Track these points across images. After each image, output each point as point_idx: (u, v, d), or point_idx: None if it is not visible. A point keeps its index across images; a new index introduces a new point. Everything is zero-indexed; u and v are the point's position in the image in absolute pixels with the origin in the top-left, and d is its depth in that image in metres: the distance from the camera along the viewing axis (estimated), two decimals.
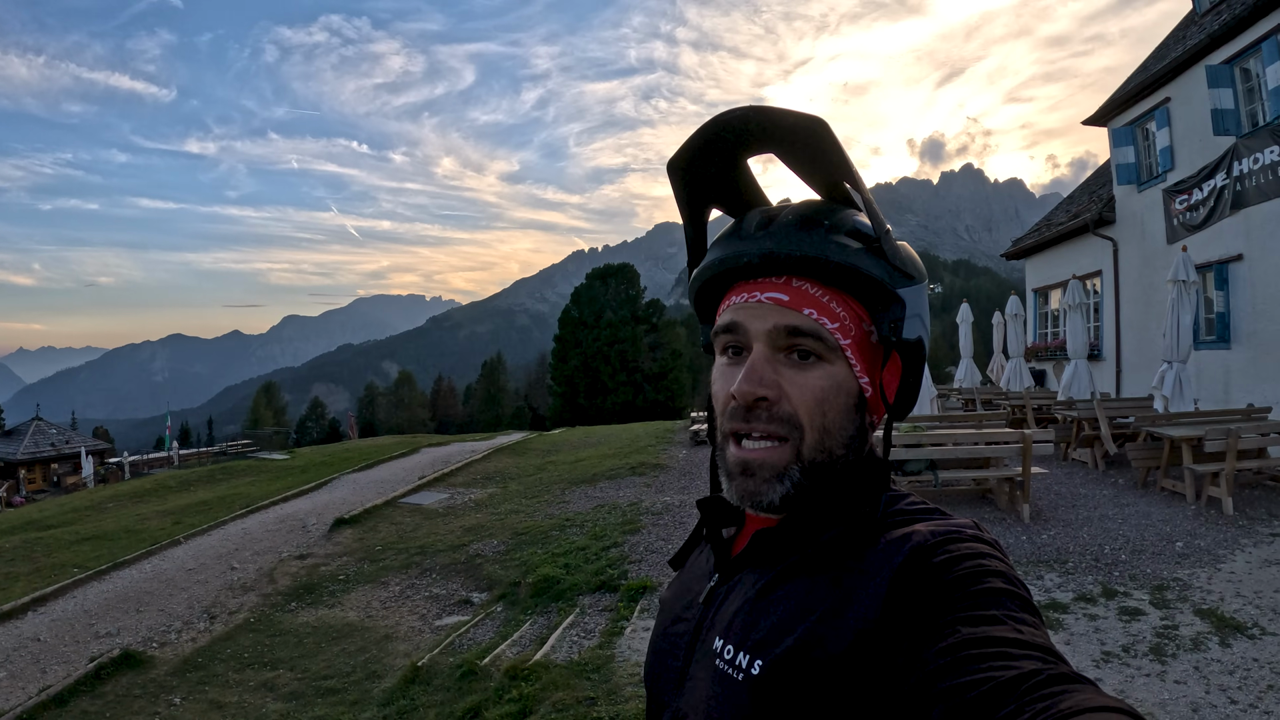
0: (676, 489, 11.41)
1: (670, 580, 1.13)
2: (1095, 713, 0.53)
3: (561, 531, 9.48)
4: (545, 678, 5.34)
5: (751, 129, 0.86)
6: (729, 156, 0.91)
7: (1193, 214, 13.52)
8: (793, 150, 0.88)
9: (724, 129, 0.87)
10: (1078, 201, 20.17)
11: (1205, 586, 6.46)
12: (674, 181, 0.94)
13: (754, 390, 0.84)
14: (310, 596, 8.50)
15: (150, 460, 35.64)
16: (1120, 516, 8.56)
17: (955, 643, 0.66)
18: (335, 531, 11.10)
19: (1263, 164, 11.86)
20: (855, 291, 0.88)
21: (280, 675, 6.53)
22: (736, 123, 0.85)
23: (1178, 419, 10.16)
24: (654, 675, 0.99)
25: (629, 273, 62.67)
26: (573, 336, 59.07)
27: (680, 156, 0.91)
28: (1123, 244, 16.63)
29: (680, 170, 0.93)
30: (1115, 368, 16.92)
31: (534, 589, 7.51)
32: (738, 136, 0.88)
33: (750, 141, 0.89)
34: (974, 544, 0.77)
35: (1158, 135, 15.18)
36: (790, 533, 0.88)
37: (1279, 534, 7.73)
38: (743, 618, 0.85)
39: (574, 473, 13.94)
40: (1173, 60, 14.27)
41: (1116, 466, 11.16)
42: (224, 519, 12.92)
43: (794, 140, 0.86)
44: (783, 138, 0.86)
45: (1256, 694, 4.69)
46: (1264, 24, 11.92)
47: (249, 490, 16.98)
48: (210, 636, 7.61)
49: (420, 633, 7.22)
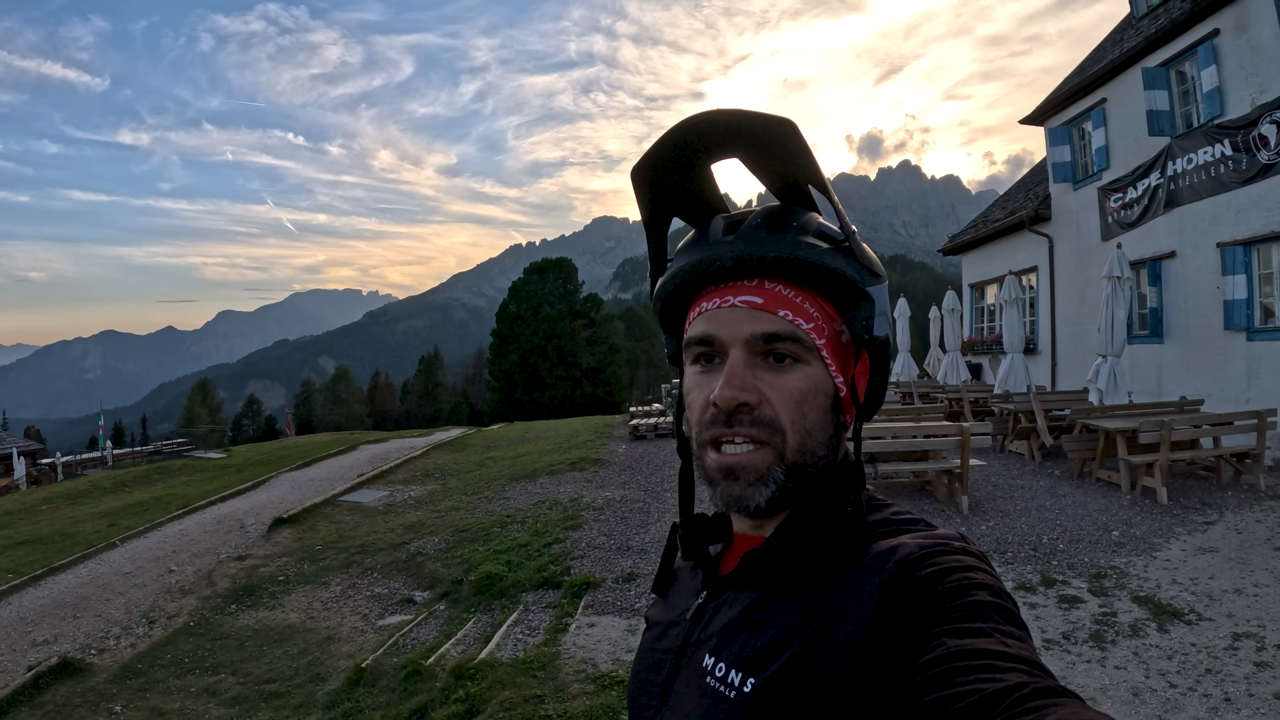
0: (617, 484, 11.32)
1: (655, 598, 1.10)
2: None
3: (503, 528, 9.35)
4: (491, 676, 5.26)
5: (718, 131, 0.85)
6: (695, 161, 0.90)
7: (1127, 212, 13.85)
8: (759, 153, 0.87)
9: (690, 132, 0.86)
10: (1014, 199, 20.51)
11: (1142, 574, 6.56)
12: (638, 188, 0.93)
13: (736, 396, 0.83)
14: (250, 598, 8.27)
15: (84, 461, 34.53)
16: (1057, 507, 8.67)
17: (941, 655, 0.65)
18: (274, 531, 10.83)
19: (1196, 164, 12.19)
20: (825, 292, 0.88)
21: (222, 680, 6.33)
22: (704, 126, 0.85)
23: (1112, 411, 10.36)
24: (637, 690, 0.98)
25: (567, 267, 62.57)
26: (510, 331, 58.75)
27: (646, 162, 0.90)
28: (1058, 241, 16.94)
29: (645, 177, 0.92)
30: (1050, 361, 17.26)
31: (476, 587, 7.38)
32: (703, 140, 0.87)
33: (716, 145, 0.88)
34: (961, 556, 0.77)
35: (1093, 135, 15.48)
36: (778, 550, 0.86)
37: (1213, 522, 7.90)
38: (734, 635, 0.84)
39: (514, 469, 13.81)
40: (1110, 62, 14.55)
41: (1053, 458, 11.34)
42: (160, 520, 12.54)
43: (761, 142, 0.85)
44: (750, 140, 0.85)
45: (1195, 678, 4.76)
46: (1200, 28, 12.20)
47: (185, 490, 16.56)
48: (150, 642, 7.34)
49: (363, 633, 7.05)
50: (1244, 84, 11.37)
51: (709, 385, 0.86)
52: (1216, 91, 11.84)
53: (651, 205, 0.95)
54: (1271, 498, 8.80)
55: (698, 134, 0.86)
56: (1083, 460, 10.09)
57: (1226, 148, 11.50)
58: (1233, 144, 11.38)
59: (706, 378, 0.88)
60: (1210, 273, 12.08)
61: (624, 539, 8.36)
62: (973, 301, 21.25)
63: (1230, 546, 7.16)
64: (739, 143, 0.86)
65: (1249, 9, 11.19)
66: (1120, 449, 9.11)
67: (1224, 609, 5.78)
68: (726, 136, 0.85)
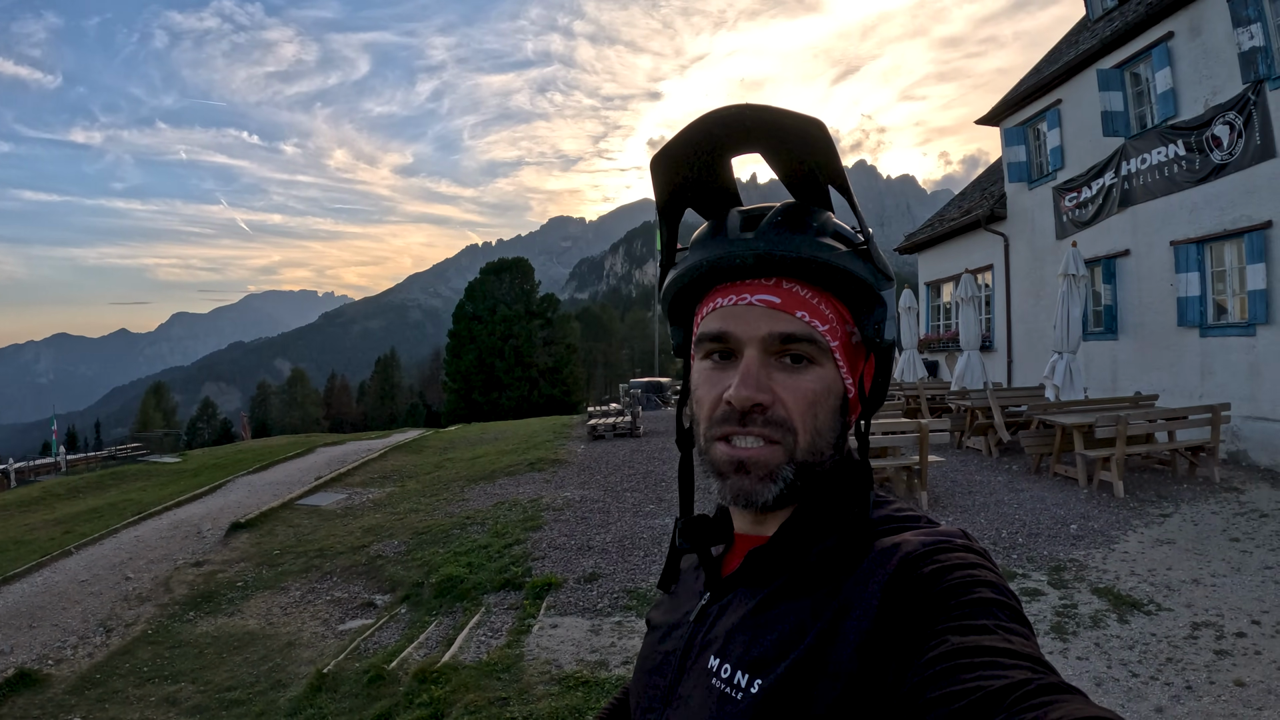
0: (577, 484, 11.24)
1: (658, 600, 1.11)
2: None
3: (463, 530, 9.24)
4: (455, 679, 5.20)
5: (745, 126, 0.84)
6: (716, 153, 0.90)
7: (1082, 211, 14.03)
8: (781, 148, 0.87)
9: (717, 125, 0.85)
10: (970, 198, 20.70)
11: (1101, 566, 6.62)
12: (656, 178, 0.93)
13: (752, 396, 0.82)
14: (209, 605, 8.08)
15: (37, 467, 33.69)
16: (1016, 501, 8.74)
17: (945, 652, 0.65)
18: (231, 536, 10.62)
19: (1150, 164, 12.37)
20: (840, 293, 0.88)
21: (182, 689, 6.17)
22: (731, 119, 0.84)
23: (1069, 407, 10.47)
24: (640, 692, 0.98)
25: (523, 267, 62.30)
26: (467, 332, 58.30)
27: (667, 152, 0.89)
28: (1013, 239, 17.12)
29: (665, 167, 0.91)
30: (1006, 358, 17.44)
31: (438, 589, 7.28)
32: (728, 134, 0.86)
33: (740, 140, 0.87)
34: (964, 554, 0.76)
35: (1049, 135, 15.65)
36: (783, 549, 0.86)
37: (1169, 515, 8.01)
38: (739, 636, 0.83)
39: (472, 470, 13.68)
40: (1065, 64, 14.71)
41: (1010, 454, 11.45)
42: (116, 527, 12.25)
43: (787, 140, 0.85)
44: (775, 137, 0.85)
45: (1156, 666, 4.81)
46: (1154, 31, 12.37)
47: (141, 496, 16.23)
48: (108, 651, 7.14)
49: (324, 638, 6.91)
50: (1197, 86, 11.54)
51: (720, 382, 0.86)
52: (1170, 93, 12.00)
53: (668, 195, 0.94)
54: (1226, 490, 8.95)
55: (724, 126, 0.85)
56: (1040, 455, 10.19)
57: (1180, 148, 11.68)
58: (1186, 144, 11.56)
59: (718, 374, 0.87)
60: (1164, 270, 12.26)
61: (585, 539, 8.29)
62: (929, 300, 21.43)
63: (1187, 538, 7.26)
64: (764, 138, 0.86)
65: (1203, 12, 11.36)
66: (1077, 444, 9.19)
67: (1183, 599, 5.84)
68: (753, 131, 0.85)
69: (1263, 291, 10.29)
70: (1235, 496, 8.68)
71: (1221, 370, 11.13)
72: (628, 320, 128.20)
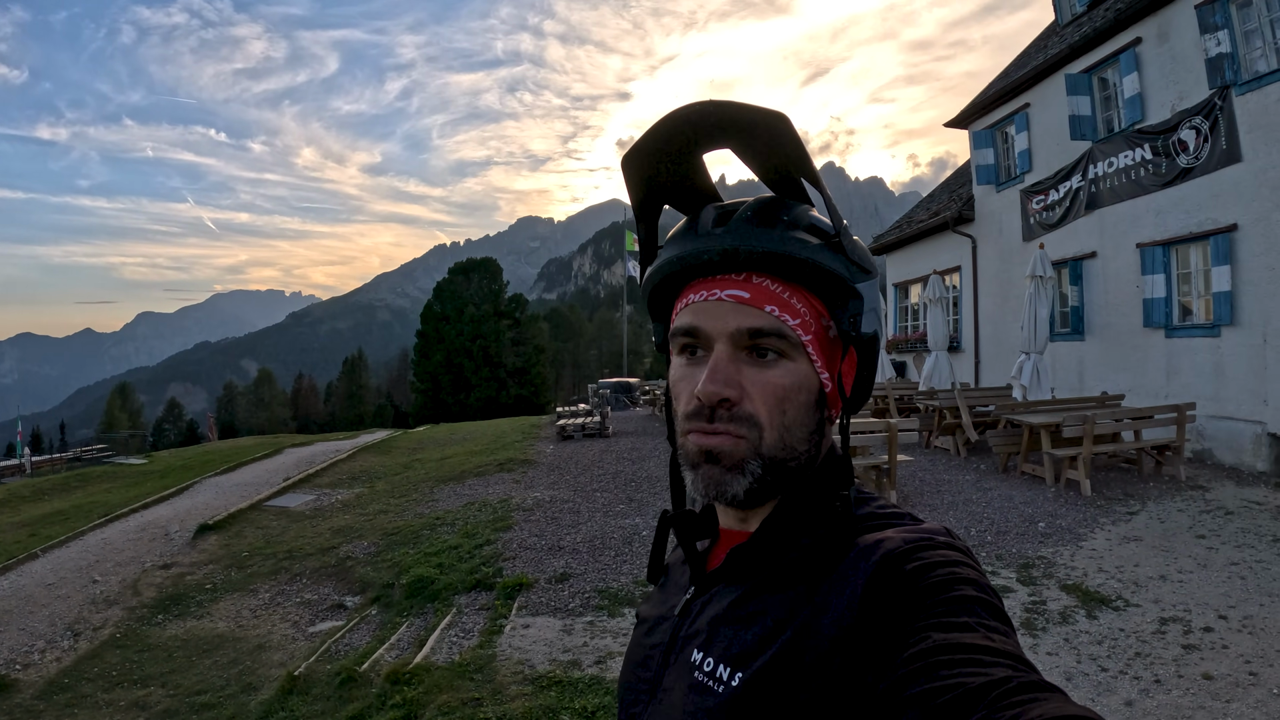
0: (546, 485, 11.18)
1: (647, 595, 1.11)
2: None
3: (433, 531, 9.17)
4: (428, 680, 5.15)
5: (711, 123, 0.84)
6: (686, 151, 0.90)
7: (1049, 213, 14.17)
8: (751, 144, 0.87)
9: (683, 123, 0.85)
10: (938, 200, 20.86)
11: (1069, 563, 6.67)
12: (628, 177, 0.92)
13: (719, 391, 0.82)
14: (177, 608, 7.93)
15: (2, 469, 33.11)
16: (984, 500, 8.79)
17: (926, 649, 0.65)
18: (200, 538, 10.44)
19: (1117, 167, 12.51)
20: (814, 287, 0.87)
21: (152, 693, 6.03)
22: (695, 116, 0.84)
23: (1036, 407, 10.55)
24: (626, 687, 0.99)
25: (492, 267, 62.03)
26: (435, 332, 57.93)
27: (637, 151, 0.89)
28: (981, 241, 17.25)
29: (636, 165, 0.91)
30: (974, 359, 17.57)
31: (408, 590, 7.21)
32: (696, 130, 0.86)
33: (708, 136, 0.87)
34: (946, 551, 0.76)
35: (1017, 139, 15.78)
36: (764, 545, 0.86)
37: (1135, 513, 8.09)
38: (721, 630, 0.84)
39: (441, 470, 13.59)
40: (1034, 68, 14.85)
41: (978, 453, 11.52)
42: (82, 529, 11.98)
43: (754, 134, 0.85)
44: (742, 132, 0.85)
45: (1125, 661, 4.85)
46: (1123, 36, 12.51)
47: (107, 498, 15.90)
48: (76, 655, 6.97)
49: (294, 640, 6.81)
50: (1165, 91, 11.67)
51: (693, 377, 0.86)
52: (1138, 98, 12.14)
53: (642, 193, 0.94)
54: (1191, 488, 9.06)
55: (691, 124, 0.85)
56: (1008, 454, 10.25)
57: (1147, 152, 11.82)
58: (1153, 148, 11.70)
59: (692, 369, 0.88)
60: (1130, 272, 12.39)
61: (555, 539, 8.23)
62: (897, 301, 21.55)
63: (1153, 535, 7.33)
64: (732, 134, 0.86)
65: (1171, 19, 11.50)
66: (1044, 443, 9.25)
67: (1150, 595, 5.90)
68: (719, 127, 0.85)
69: (1227, 293, 10.42)
70: (1201, 494, 8.79)
71: (1186, 370, 11.26)
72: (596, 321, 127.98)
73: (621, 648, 5.43)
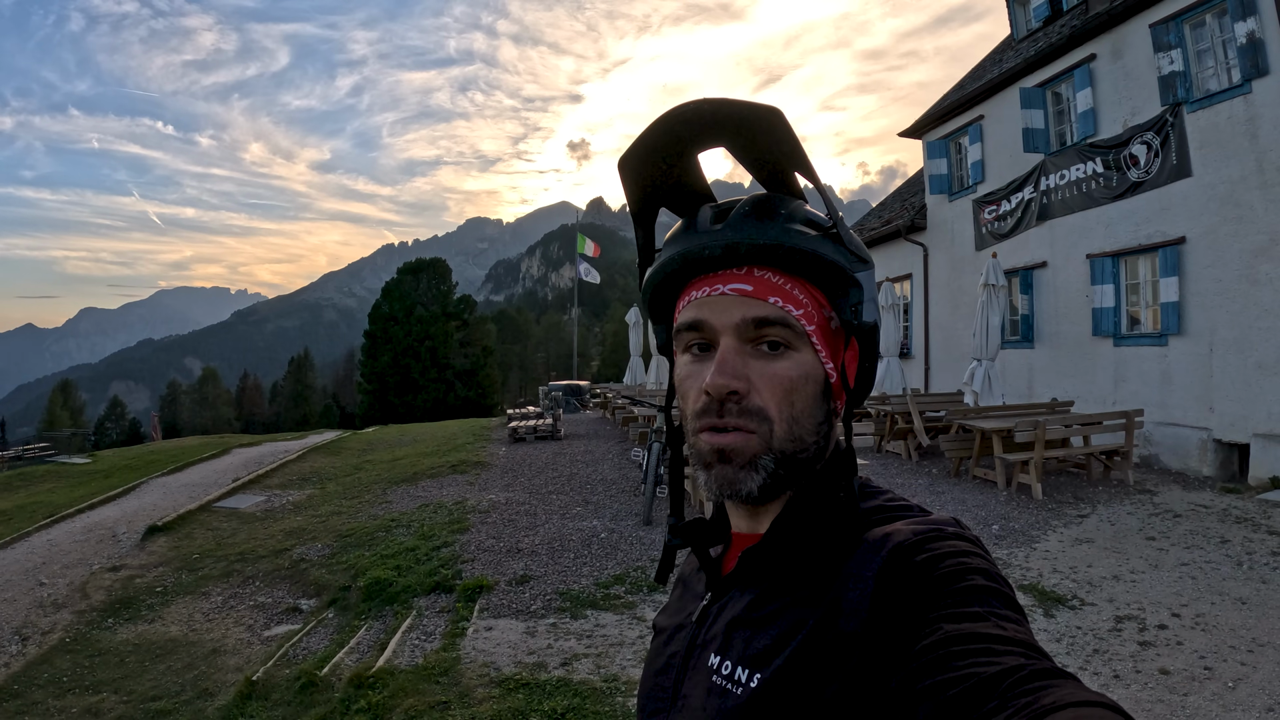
0: (500, 487, 11.09)
1: (663, 604, 1.12)
2: (1078, 708, 0.53)
3: (388, 532, 9.03)
4: (392, 684, 5.04)
5: (706, 120, 0.85)
6: (681, 151, 0.90)
7: (1001, 223, 14.40)
8: (746, 142, 0.88)
9: (678, 122, 0.86)
10: (890, 209, 21.15)
11: (1024, 564, 6.75)
12: (625, 180, 0.93)
13: (727, 383, 0.82)
14: (128, 611, 7.68)
15: None
16: (937, 504, 8.85)
17: (938, 640, 0.65)
18: (148, 540, 10.12)
19: (1068, 180, 12.76)
20: (814, 278, 0.88)
21: (104, 699, 5.81)
22: (690, 115, 0.85)
23: (988, 413, 10.69)
24: (646, 695, 0.98)
25: (440, 267, 61.46)
26: (383, 332, 57.15)
27: (633, 152, 0.89)
28: (933, 249, 17.51)
29: (632, 167, 0.91)
30: (924, 365, 17.82)
31: (365, 593, 7.07)
32: (691, 130, 0.87)
33: (703, 135, 0.88)
34: (956, 542, 0.76)
35: (970, 149, 16.06)
36: (776, 546, 0.87)
37: (1086, 515, 8.22)
38: (738, 633, 0.84)
39: (393, 472, 13.42)
40: (989, 81, 15.12)
41: (930, 457, 11.65)
42: (27, 530, 11.56)
43: (748, 131, 0.86)
44: (737, 129, 0.86)
45: (1084, 658, 4.93)
46: (1077, 53, 12.81)
47: (51, 498, 15.36)
48: (24, 661, 6.70)
49: (250, 644, 6.62)
50: (1117, 106, 11.96)
51: (700, 373, 0.86)
52: (1091, 112, 12.42)
53: (639, 195, 0.94)
54: (1140, 492, 9.26)
55: (685, 122, 0.85)
56: (959, 459, 10.36)
57: (1098, 165, 12.09)
58: (1104, 162, 11.97)
59: (699, 366, 0.88)
60: (1080, 282, 12.66)
61: (513, 541, 8.15)
62: None
63: (1105, 537, 7.46)
64: (726, 132, 0.87)
65: (1125, 36, 11.80)
66: (996, 448, 9.37)
67: (1105, 594, 5.99)
68: (713, 125, 0.86)
69: (1175, 304, 10.69)
70: (1149, 498, 8.98)
71: (1134, 378, 11.52)
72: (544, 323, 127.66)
73: (586, 650, 5.41)
